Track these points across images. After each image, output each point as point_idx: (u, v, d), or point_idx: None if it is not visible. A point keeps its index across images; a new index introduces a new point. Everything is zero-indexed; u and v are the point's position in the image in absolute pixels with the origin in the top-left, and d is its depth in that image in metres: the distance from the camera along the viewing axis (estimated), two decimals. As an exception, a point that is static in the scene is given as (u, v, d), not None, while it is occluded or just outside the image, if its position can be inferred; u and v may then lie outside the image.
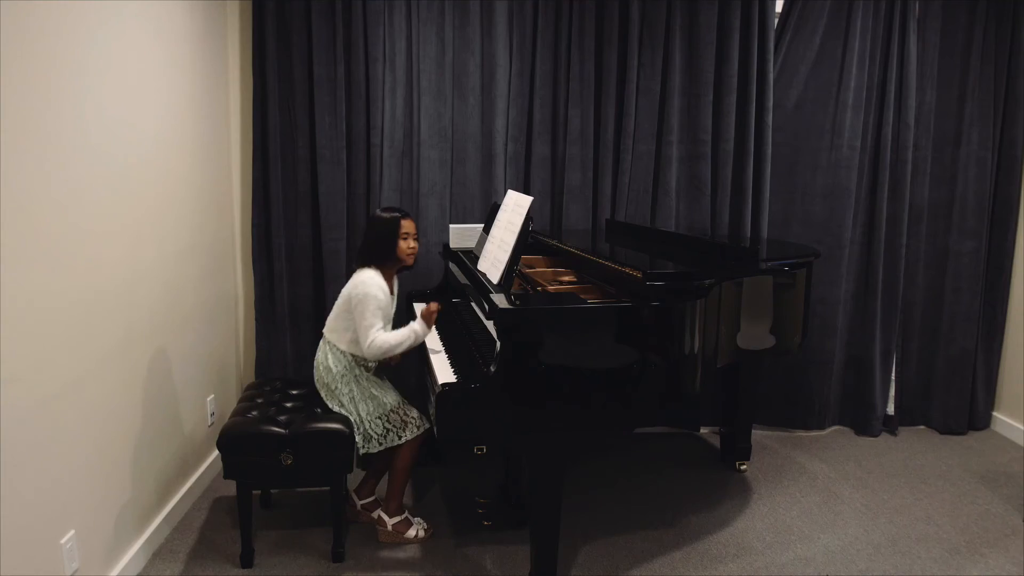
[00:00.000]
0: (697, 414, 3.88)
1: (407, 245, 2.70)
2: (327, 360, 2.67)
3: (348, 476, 2.63)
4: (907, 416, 4.00)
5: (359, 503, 2.85)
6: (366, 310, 2.55)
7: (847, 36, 3.57)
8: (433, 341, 2.76)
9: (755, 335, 2.75)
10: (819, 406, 3.86)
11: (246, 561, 2.57)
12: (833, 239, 3.71)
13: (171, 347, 2.82)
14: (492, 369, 2.13)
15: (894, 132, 3.67)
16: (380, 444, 2.65)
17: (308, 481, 2.63)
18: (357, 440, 2.63)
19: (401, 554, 2.68)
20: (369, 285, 2.58)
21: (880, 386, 3.87)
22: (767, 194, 3.64)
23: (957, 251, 3.82)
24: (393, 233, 2.66)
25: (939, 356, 3.92)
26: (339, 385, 2.66)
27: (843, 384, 3.93)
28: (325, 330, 2.72)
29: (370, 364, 2.73)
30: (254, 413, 2.66)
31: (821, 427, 3.91)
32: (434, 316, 2.63)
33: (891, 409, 3.97)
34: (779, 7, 3.58)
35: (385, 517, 2.74)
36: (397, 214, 2.70)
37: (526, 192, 3.63)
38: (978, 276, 3.83)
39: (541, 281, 2.72)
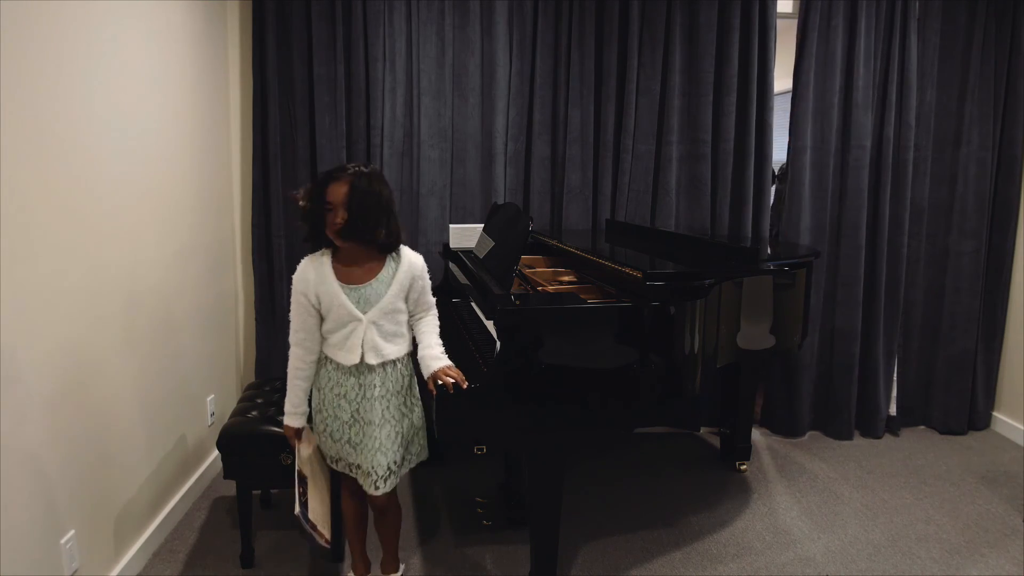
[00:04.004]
0: (697, 414, 3.88)
1: (331, 218, 1.98)
2: None
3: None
4: (907, 416, 4.00)
5: None
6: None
7: (854, 36, 3.57)
8: None
9: (755, 335, 2.75)
10: (847, 414, 3.81)
11: (246, 561, 2.57)
12: (851, 240, 3.70)
13: (171, 347, 2.82)
14: (492, 369, 2.13)
15: (895, 132, 3.67)
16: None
17: (308, 481, 2.62)
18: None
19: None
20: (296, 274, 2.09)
21: (883, 387, 3.86)
22: (773, 194, 3.63)
23: (957, 251, 3.82)
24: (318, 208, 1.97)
25: (939, 356, 3.91)
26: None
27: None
28: None
29: (336, 366, 2.12)
30: (254, 413, 2.66)
31: (851, 436, 3.84)
32: (291, 440, 2.20)
33: (892, 409, 3.97)
34: (780, 7, 3.58)
35: None
36: (319, 185, 1.97)
37: (526, 191, 3.64)
38: (978, 276, 3.83)
39: (541, 281, 2.71)
